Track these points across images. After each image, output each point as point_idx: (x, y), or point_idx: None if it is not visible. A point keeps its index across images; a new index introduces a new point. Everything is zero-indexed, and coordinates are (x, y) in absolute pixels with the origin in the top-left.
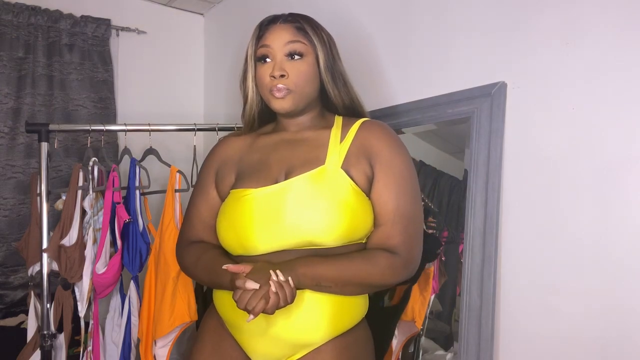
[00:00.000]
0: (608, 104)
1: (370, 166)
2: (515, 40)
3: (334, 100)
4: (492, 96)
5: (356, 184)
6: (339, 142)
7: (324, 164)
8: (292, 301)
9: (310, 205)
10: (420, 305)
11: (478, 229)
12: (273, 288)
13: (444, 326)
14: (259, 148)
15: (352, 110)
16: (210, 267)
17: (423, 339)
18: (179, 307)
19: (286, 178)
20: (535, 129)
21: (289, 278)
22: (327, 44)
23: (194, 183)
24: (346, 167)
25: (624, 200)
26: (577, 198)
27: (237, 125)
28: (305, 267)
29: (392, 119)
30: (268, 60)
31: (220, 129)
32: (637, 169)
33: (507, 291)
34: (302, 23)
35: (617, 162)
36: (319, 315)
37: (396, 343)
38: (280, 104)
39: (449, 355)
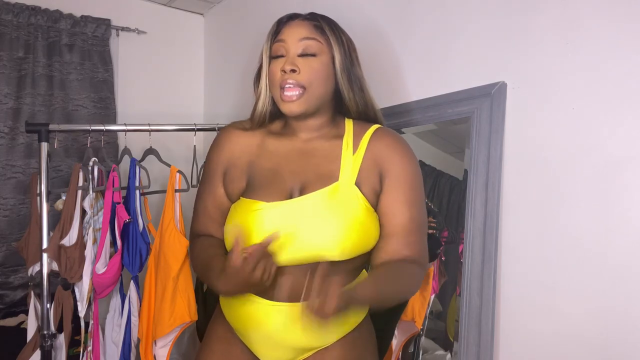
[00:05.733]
0: (608, 103)
1: (380, 180)
2: (515, 40)
3: (347, 103)
4: (492, 96)
5: (365, 198)
6: (351, 153)
7: (337, 180)
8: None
9: (323, 223)
10: (420, 305)
11: (478, 229)
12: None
13: (443, 326)
14: (270, 154)
15: (365, 115)
16: (206, 263)
17: (423, 339)
18: (179, 307)
19: (301, 193)
20: (535, 129)
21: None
22: (345, 45)
23: (194, 183)
24: (358, 182)
25: (624, 200)
26: (577, 198)
27: None
28: (367, 294)
29: (392, 118)
30: (281, 57)
31: (220, 129)
32: (637, 168)
33: (507, 291)
34: (320, 22)
35: (617, 161)
36: None
37: (396, 343)
38: (289, 108)
39: (449, 356)
